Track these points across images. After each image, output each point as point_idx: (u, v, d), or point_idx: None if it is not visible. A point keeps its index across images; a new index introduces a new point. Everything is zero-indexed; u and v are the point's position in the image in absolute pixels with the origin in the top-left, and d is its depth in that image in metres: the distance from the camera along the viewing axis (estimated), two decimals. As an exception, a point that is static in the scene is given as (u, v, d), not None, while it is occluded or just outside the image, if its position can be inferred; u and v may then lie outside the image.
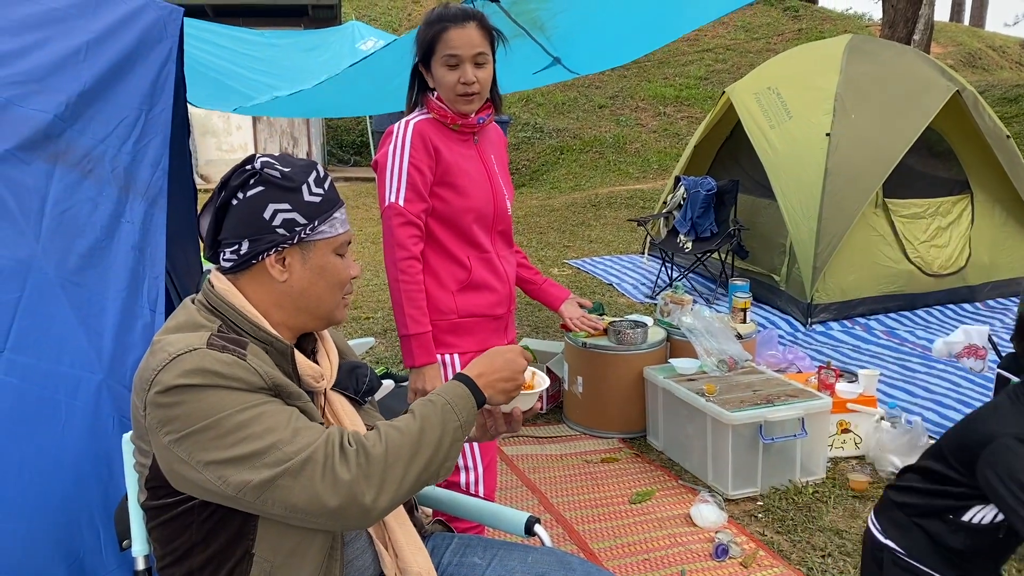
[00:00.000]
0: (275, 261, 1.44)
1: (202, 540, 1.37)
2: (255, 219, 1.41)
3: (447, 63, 2.15)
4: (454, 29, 2.13)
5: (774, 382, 3.62)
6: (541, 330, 5.52)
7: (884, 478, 3.42)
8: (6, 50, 1.96)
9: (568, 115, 14.19)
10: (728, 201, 6.32)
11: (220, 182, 1.45)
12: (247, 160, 1.45)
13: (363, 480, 1.29)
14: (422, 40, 2.19)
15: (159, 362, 1.31)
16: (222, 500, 1.31)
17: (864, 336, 5.34)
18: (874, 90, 5.76)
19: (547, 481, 3.52)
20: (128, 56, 2.16)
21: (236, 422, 1.28)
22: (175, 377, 1.28)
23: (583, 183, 11.89)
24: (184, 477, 1.31)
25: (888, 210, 5.69)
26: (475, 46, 2.15)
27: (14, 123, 1.91)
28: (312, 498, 1.27)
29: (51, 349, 1.82)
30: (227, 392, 1.29)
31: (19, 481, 1.75)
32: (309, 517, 1.30)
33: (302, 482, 1.27)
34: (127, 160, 2.05)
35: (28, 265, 1.83)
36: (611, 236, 8.73)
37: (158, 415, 1.29)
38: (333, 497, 1.28)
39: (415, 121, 2.22)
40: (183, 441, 1.28)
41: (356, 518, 1.31)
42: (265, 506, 1.29)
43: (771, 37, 16.55)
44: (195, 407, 1.28)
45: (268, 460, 1.27)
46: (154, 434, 1.32)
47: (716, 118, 6.80)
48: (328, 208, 1.46)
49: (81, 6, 2.15)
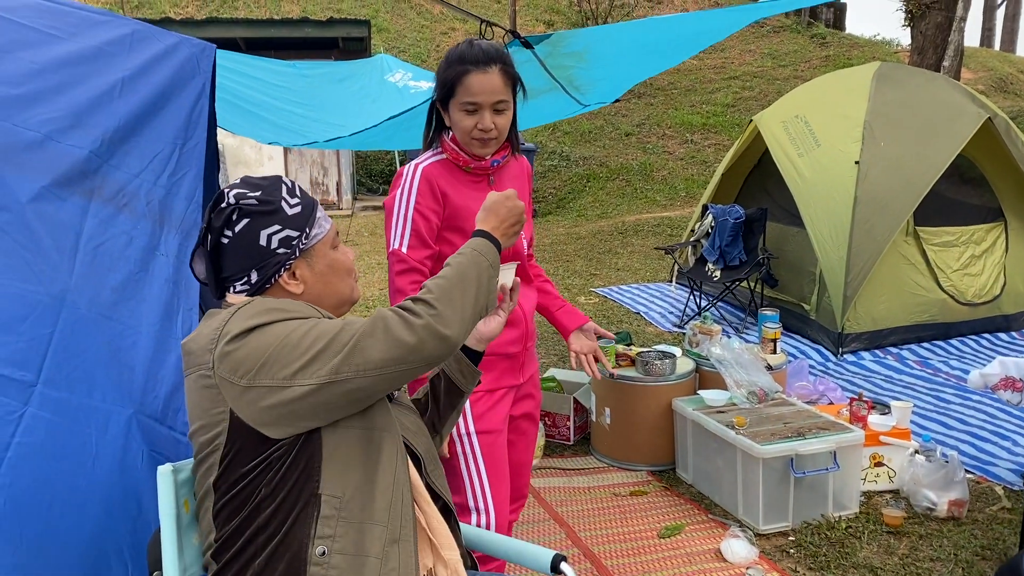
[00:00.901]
0: (288, 278, 1.54)
1: (270, 494, 1.42)
2: (254, 249, 1.50)
3: (465, 108, 2.08)
4: (475, 74, 2.04)
5: (805, 414, 3.57)
6: (567, 359, 5.49)
7: (920, 513, 3.34)
8: (45, 87, 2.01)
9: (594, 143, 14.23)
10: (756, 229, 6.28)
11: (203, 225, 1.53)
12: (218, 198, 1.53)
13: (432, 318, 1.39)
14: (442, 80, 2.11)
15: (222, 320, 1.43)
16: (318, 402, 1.38)
17: (897, 366, 5.26)
18: (904, 117, 5.72)
19: (575, 514, 3.49)
20: (163, 92, 2.20)
21: (302, 332, 1.39)
22: (244, 320, 1.40)
23: (610, 211, 11.89)
24: (275, 404, 1.38)
25: (920, 238, 5.62)
26: (496, 93, 2.07)
27: (51, 159, 1.95)
28: (394, 343, 1.36)
29: (83, 383, 1.84)
30: (288, 321, 1.42)
31: (50, 514, 1.76)
32: (400, 365, 1.37)
33: (378, 336, 1.37)
34: (161, 194, 2.08)
35: (62, 300, 1.86)
36: (638, 264, 8.70)
37: (229, 363, 1.39)
38: (412, 336, 1.37)
39: (424, 165, 2.17)
40: (262, 371, 1.38)
41: (439, 348, 1.40)
42: (358, 376, 1.36)
43: (798, 64, 16.53)
44: (262, 340, 1.39)
45: (343, 338, 1.38)
46: (228, 386, 1.39)
47: (744, 146, 6.78)
48: (310, 212, 1.57)
49: (117, 44, 2.20)
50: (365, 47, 12.09)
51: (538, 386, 2.49)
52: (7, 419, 1.73)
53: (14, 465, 1.72)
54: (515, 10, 15.14)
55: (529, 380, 2.41)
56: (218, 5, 16.57)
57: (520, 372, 2.35)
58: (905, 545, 3.15)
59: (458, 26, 17.12)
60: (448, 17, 17.31)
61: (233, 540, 1.44)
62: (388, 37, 16.23)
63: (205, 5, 16.54)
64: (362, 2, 17.34)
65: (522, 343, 2.32)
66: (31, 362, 1.79)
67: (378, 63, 5.38)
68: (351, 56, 11.38)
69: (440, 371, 1.84)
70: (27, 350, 1.79)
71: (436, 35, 17.08)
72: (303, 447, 1.42)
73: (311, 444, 1.43)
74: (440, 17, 17.37)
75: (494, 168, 2.22)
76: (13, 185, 1.89)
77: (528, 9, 17.81)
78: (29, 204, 1.89)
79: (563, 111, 4.66)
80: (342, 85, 4.96)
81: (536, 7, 18.17)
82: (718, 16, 3.68)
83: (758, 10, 3.63)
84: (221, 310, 1.50)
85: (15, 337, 1.79)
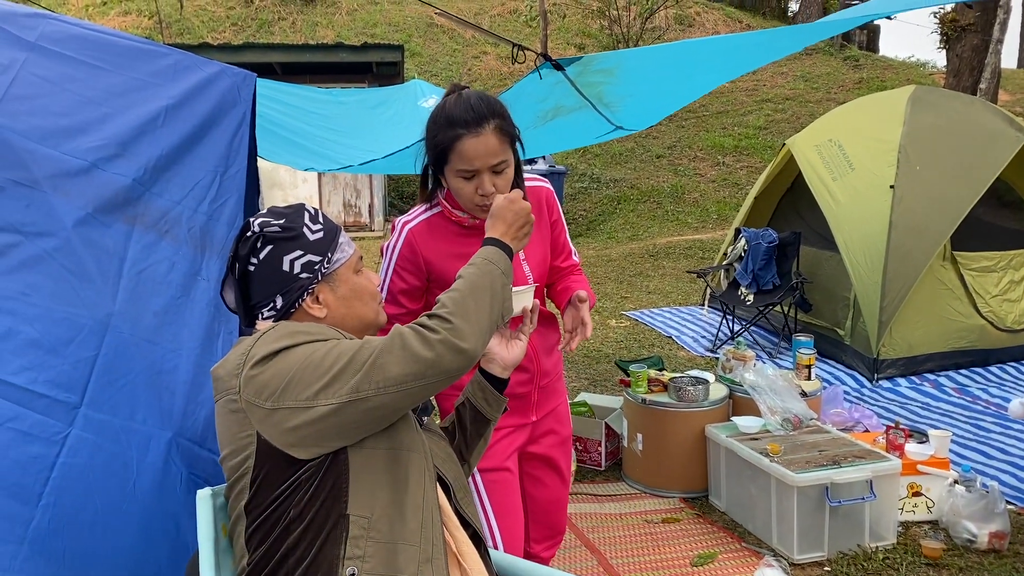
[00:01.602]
0: (312, 302, 1.57)
1: (298, 516, 1.43)
2: (278, 275, 1.55)
3: (462, 175, 1.93)
4: (469, 139, 1.87)
5: (840, 442, 3.52)
6: (599, 384, 5.48)
7: (959, 545, 3.28)
8: (92, 117, 2.06)
9: (625, 165, 14.24)
10: (790, 253, 6.24)
11: (230, 256, 1.59)
12: (244, 228, 1.58)
13: (448, 332, 1.40)
14: (432, 145, 1.94)
15: (248, 344, 1.46)
16: (341, 421, 1.39)
17: (934, 393, 5.17)
18: (940, 141, 5.67)
19: (607, 541, 3.47)
20: (204, 121, 2.25)
21: (323, 353, 1.42)
22: (268, 344, 1.43)
23: (640, 233, 11.87)
24: (300, 425, 1.40)
25: (957, 263, 5.55)
26: (493, 155, 1.90)
27: (96, 187, 2.00)
28: (412, 359, 1.37)
29: (125, 406, 1.87)
30: (311, 343, 1.44)
31: (92, 534, 1.80)
32: (419, 380, 1.38)
33: (396, 352, 1.38)
34: (203, 220, 2.12)
35: (106, 324, 1.90)
36: (669, 287, 8.67)
37: (254, 386, 1.42)
38: (429, 351, 1.38)
39: (411, 225, 2.09)
40: (285, 393, 1.40)
41: (458, 362, 1.40)
42: (379, 394, 1.38)
43: (831, 87, 16.44)
44: (286, 362, 1.42)
45: (362, 356, 1.39)
46: (254, 409, 1.42)
47: (777, 169, 6.75)
48: (332, 238, 1.61)
49: (160, 75, 2.25)
50: (398, 71, 12.24)
51: (563, 420, 2.36)
52: (53, 440, 1.77)
53: (58, 485, 1.76)
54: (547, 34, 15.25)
55: (549, 415, 2.31)
56: (254, 30, 16.89)
57: (531, 410, 2.25)
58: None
59: (490, 50, 17.28)
60: (480, 41, 17.48)
61: (264, 563, 1.45)
62: (421, 61, 16.42)
63: (242, 30, 16.87)
64: (395, 27, 17.58)
65: (532, 383, 2.22)
66: (76, 384, 1.83)
67: (412, 88, 5.45)
68: (385, 80, 11.53)
69: (465, 399, 1.84)
70: (72, 373, 1.83)
71: (468, 59, 17.24)
72: (330, 468, 1.43)
73: (338, 465, 1.44)
74: (472, 41, 17.54)
75: None
76: (60, 211, 1.94)
77: (560, 33, 17.93)
78: (74, 230, 1.94)
79: (594, 132, 4.66)
80: (376, 111, 5.03)
81: (567, 31, 18.28)
82: (754, 41, 3.64)
83: (794, 35, 3.62)
84: (248, 337, 1.53)
85: (60, 360, 1.83)
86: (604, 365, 5.91)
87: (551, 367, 2.28)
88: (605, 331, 6.96)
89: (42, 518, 1.74)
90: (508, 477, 2.21)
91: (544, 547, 2.40)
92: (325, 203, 12.56)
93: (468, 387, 1.85)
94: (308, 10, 17.56)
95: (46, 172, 1.94)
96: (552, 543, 2.43)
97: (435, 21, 17.45)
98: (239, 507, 1.49)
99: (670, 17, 18.41)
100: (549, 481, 2.37)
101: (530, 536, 2.37)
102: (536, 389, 2.24)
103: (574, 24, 18.57)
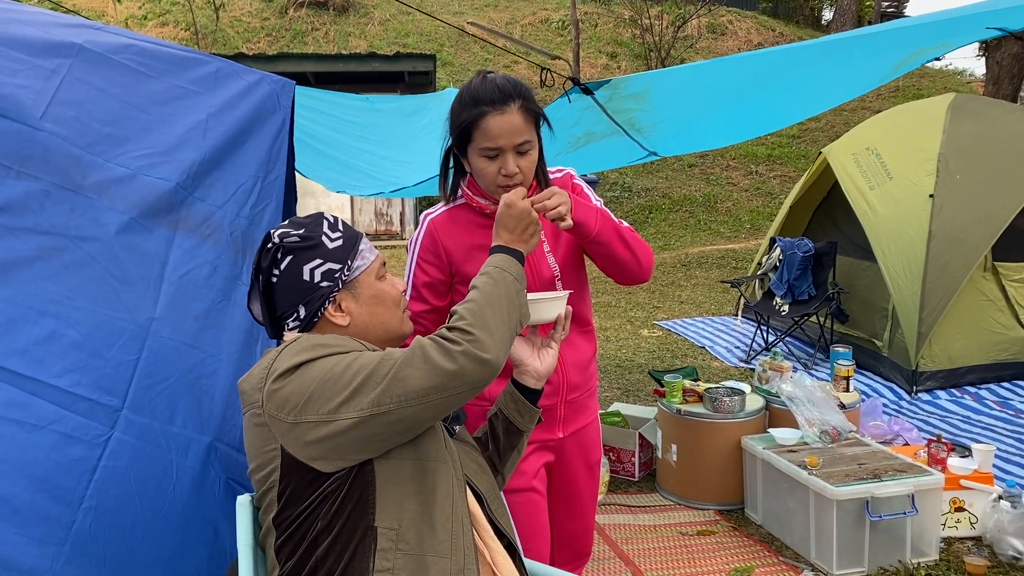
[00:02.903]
0: (334, 311, 1.56)
1: (326, 527, 1.42)
2: (299, 284, 1.54)
3: (486, 154, 1.89)
4: (493, 116, 1.85)
5: (880, 455, 3.45)
6: (632, 393, 5.43)
7: (1004, 562, 3.19)
8: (136, 125, 2.08)
9: (657, 174, 14.18)
10: (826, 263, 6.16)
11: (253, 268, 1.59)
12: (265, 240, 1.58)
13: (469, 344, 1.38)
14: (456, 124, 1.92)
15: (271, 357, 1.45)
16: (363, 435, 1.38)
17: (975, 406, 5.07)
18: (980, 150, 5.57)
19: (641, 553, 3.43)
20: (245, 127, 2.26)
21: (344, 365, 1.40)
22: (290, 358, 1.42)
23: (673, 242, 11.81)
24: (321, 439, 1.39)
25: (998, 273, 5.44)
26: (518, 134, 1.87)
27: (139, 192, 2.01)
28: (434, 371, 1.36)
29: (165, 410, 1.88)
30: (332, 356, 1.43)
31: (132, 537, 1.80)
32: (441, 392, 1.37)
33: (417, 365, 1.37)
34: (244, 224, 2.13)
35: (147, 328, 1.91)
36: (702, 297, 8.60)
37: (277, 398, 1.41)
38: (451, 363, 1.36)
39: (432, 216, 2.09)
40: (308, 404, 1.39)
41: (480, 372, 1.39)
42: (400, 407, 1.36)
43: (867, 95, 16.24)
44: (307, 376, 1.40)
45: (383, 370, 1.38)
46: (277, 423, 1.41)
47: (812, 178, 6.68)
48: (352, 246, 1.59)
49: (202, 82, 2.27)
50: (430, 80, 12.31)
51: (592, 445, 2.25)
52: (95, 443, 1.78)
53: (100, 488, 1.76)
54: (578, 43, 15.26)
55: (578, 436, 2.20)
56: (288, 40, 17.08)
57: (557, 426, 2.15)
58: (989, 595, 3.01)
59: (521, 59, 17.31)
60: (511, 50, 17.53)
61: (295, 574, 1.45)
62: (452, 71, 16.50)
63: (276, 41, 17.07)
64: (427, 36, 17.69)
65: (557, 395, 2.12)
66: (117, 388, 1.83)
67: (447, 97, 5.46)
68: (417, 90, 11.60)
69: (498, 410, 1.81)
70: (113, 376, 1.84)
71: (499, 68, 17.26)
72: (356, 480, 1.42)
73: (364, 476, 1.43)
74: (503, 51, 17.60)
75: None
76: (103, 216, 1.95)
77: (591, 42, 17.93)
78: (117, 235, 1.96)
79: (627, 156, 4.64)
80: (411, 119, 5.04)
81: (599, 39, 18.28)
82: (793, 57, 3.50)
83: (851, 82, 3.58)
84: (274, 349, 1.53)
85: (102, 363, 1.84)
86: (637, 375, 5.87)
87: (581, 381, 2.17)
88: (637, 341, 6.92)
89: (83, 521, 1.75)
90: (535, 498, 2.14)
91: (570, 568, 2.33)
92: (357, 211, 12.64)
93: (500, 397, 1.83)
94: (341, 20, 17.74)
95: (90, 178, 1.96)
96: (578, 564, 2.36)
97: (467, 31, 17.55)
98: (268, 520, 1.49)
99: (702, 26, 18.33)
100: (575, 510, 2.29)
101: (555, 558, 2.31)
102: (562, 403, 2.14)
103: (606, 33, 18.56)
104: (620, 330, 7.25)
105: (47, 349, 1.80)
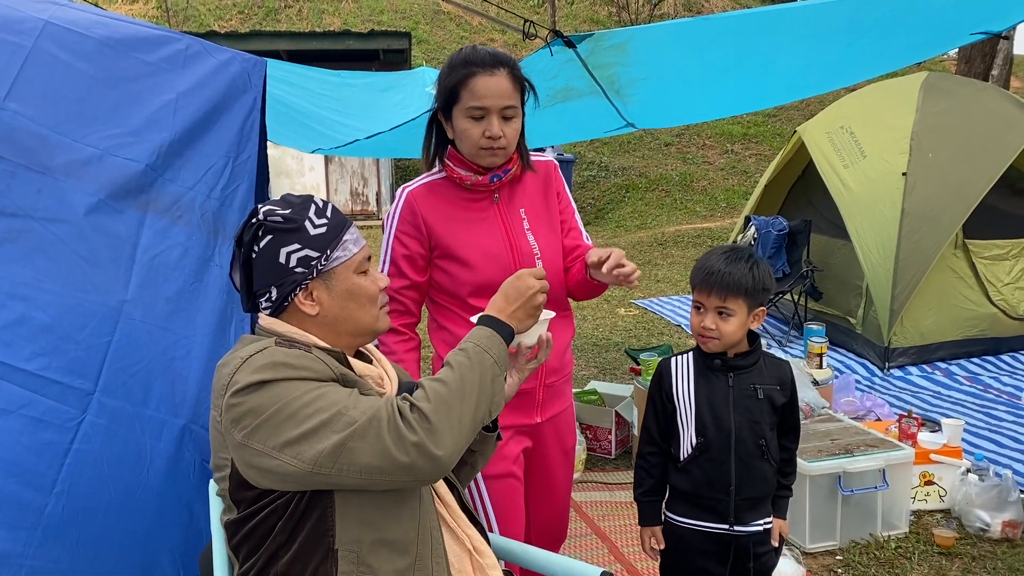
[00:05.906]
0: (304, 298, 1.52)
1: (286, 541, 1.41)
2: (274, 266, 1.50)
3: (471, 115, 1.93)
4: (482, 76, 1.91)
5: (852, 431, 3.50)
6: (608, 372, 5.47)
7: (972, 534, 3.26)
8: (104, 104, 2.05)
9: (633, 153, 14.18)
10: (800, 241, 6.21)
11: (235, 240, 1.55)
12: (252, 214, 1.54)
13: (425, 434, 1.33)
14: (444, 85, 1.96)
15: (233, 367, 1.40)
16: (302, 482, 1.36)
17: (945, 382, 5.15)
18: (952, 128, 5.62)
19: (617, 529, 3.46)
20: (216, 107, 2.23)
21: (303, 402, 1.35)
22: (250, 374, 1.37)
23: (649, 221, 11.84)
24: (262, 469, 1.36)
25: (969, 251, 5.51)
26: (504, 97, 1.93)
27: (108, 173, 1.98)
28: (383, 455, 1.32)
29: (138, 392, 1.87)
30: (295, 381, 1.38)
31: (106, 520, 1.80)
32: (385, 476, 1.34)
33: (370, 441, 1.32)
34: (215, 205, 2.11)
35: (118, 310, 1.89)
36: (678, 275, 8.64)
37: (232, 414, 1.37)
38: (403, 454, 1.32)
39: (411, 188, 2.08)
40: (256, 431, 1.35)
41: (429, 470, 1.35)
42: (342, 474, 1.34)
43: (841, 74, 16.32)
44: (266, 398, 1.36)
45: (336, 427, 1.33)
46: (230, 435, 1.39)
47: (787, 157, 6.71)
48: (336, 235, 1.54)
49: (172, 61, 2.23)
50: (406, 59, 12.21)
51: (567, 431, 2.28)
52: (66, 426, 1.76)
53: (72, 471, 1.76)
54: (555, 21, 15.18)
55: (554, 423, 2.21)
56: (261, 18, 16.84)
57: (536, 410, 2.15)
58: (957, 567, 3.07)
59: (497, 37, 17.20)
60: (488, 28, 17.41)
61: None
62: (428, 48, 16.36)
63: (248, 18, 16.82)
64: (402, 14, 17.51)
65: (537, 378, 2.12)
66: (89, 371, 1.82)
67: (420, 75, 5.42)
68: (392, 67, 11.49)
69: None
70: (85, 359, 1.82)
71: (475, 46, 17.15)
72: (314, 496, 1.40)
73: (321, 494, 1.40)
74: (480, 28, 17.47)
75: (495, 184, 2.06)
76: (71, 197, 1.93)
77: (568, 19, 17.84)
78: (87, 216, 1.93)
79: (603, 125, 4.61)
80: (385, 95, 5.01)
81: (575, 17, 18.19)
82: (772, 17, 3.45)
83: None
84: (249, 339, 1.51)
85: (74, 346, 1.82)
86: (613, 353, 5.90)
87: (559, 366, 2.19)
88: (614, 319, 6.95)
89: (56, 504, 1.74)
90: (514, 484, 2.15)
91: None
92: (332, 191, 12.55)
93: None
94: (315, -3, 17.49)
95: (58, 159, 1.93)
96: (554, 548, 2.37)
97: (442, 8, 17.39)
98: (226, 519, 1.49)
99: (679, 4, 18.30)
100: (552, 496, 2.31)
101: (531, 542, 2.33)
102: (541, 387, 2.15)
103: (582, 11, 18.47)
104: (597, 309, 7.28)
105: (15, 332, 1.78)
